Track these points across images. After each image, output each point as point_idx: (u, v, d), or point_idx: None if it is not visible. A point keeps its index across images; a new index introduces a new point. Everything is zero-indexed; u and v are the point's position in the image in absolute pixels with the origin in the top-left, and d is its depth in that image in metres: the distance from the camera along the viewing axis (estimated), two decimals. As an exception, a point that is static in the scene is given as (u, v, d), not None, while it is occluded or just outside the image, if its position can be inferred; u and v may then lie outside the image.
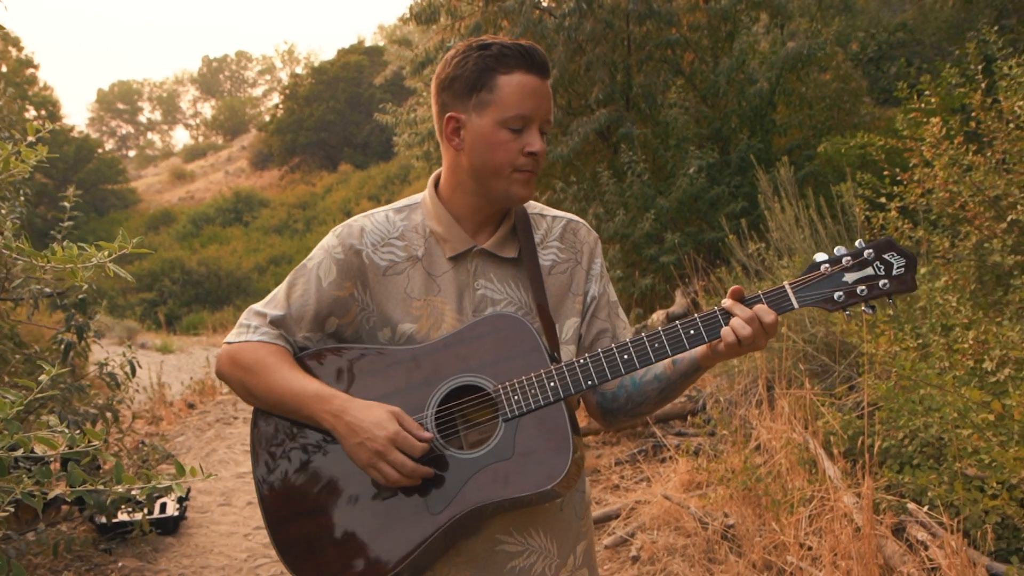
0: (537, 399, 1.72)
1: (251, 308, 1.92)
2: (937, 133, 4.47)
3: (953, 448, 3.38)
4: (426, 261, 1.86)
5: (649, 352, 1.72)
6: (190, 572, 4.81)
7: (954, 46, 9.66)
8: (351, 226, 1.89)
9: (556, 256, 1.92)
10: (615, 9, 9.66)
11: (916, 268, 1.68)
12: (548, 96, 1.80)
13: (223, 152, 62.08)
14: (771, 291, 1.71)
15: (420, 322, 1.83)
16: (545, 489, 1.67)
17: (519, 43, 1.79)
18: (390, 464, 1.68)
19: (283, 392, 1.77)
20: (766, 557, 3.92)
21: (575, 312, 1.91)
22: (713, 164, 9.24)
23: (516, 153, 1.77)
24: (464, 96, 1.79)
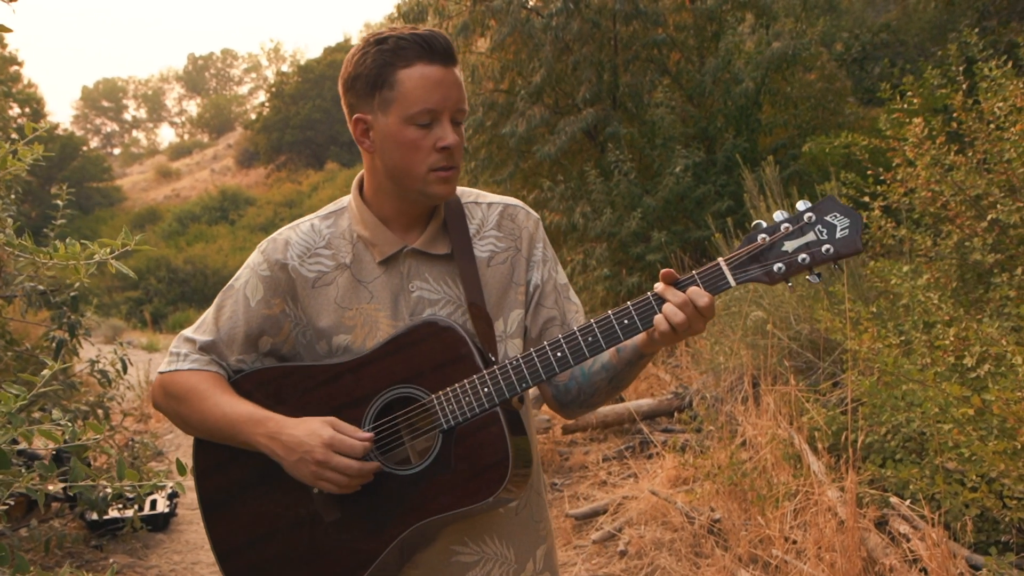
0: (472, 407, 1.64)
1: (181, 334, 1.84)
2: (919, 133, 4.55)
3: (935, 443, 3.46)
4: (355, 268, 1.78)
5: (583, 347, 1.63)
6: (181, 568, 4.84)
7: (937, 47, 9.77)
8: (275, 240, 1.82)
9: (494, 246, 1.82)
10: (602, 9, 9.73)
11: (861, 227, 1.56)
12: (456, 84, 1.68)
13: (209, 150, 61.88)
14: (705, 270, 1.60)
15: (355, 332, 1.76)
16: (487, 501, 1.62)
17: (417, 32, 1.68)
18: (334, 470, 1.61)
19: (217, 419, 1.71)
20: (752, 551, 3.99)
21: (518, 304, 1.82)
22: (699, 163, 9.31)
23: (428, 150, 1.67)
24: (367, 96, 1.69)
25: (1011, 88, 4.12)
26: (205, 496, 1.79)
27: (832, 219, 1.55)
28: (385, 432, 1.70)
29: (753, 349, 5.49)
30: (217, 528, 1.77)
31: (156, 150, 76.77)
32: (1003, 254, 4.25)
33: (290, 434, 1.63)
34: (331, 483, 1.62)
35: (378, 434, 1.69)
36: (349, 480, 1.61)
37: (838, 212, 1.56)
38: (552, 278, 1.86)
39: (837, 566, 3.48)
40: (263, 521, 1.74)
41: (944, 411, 3.27)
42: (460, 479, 1.63)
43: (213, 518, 1.78)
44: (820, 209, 1.56)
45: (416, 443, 1.71)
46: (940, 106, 6.54)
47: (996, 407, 2.90)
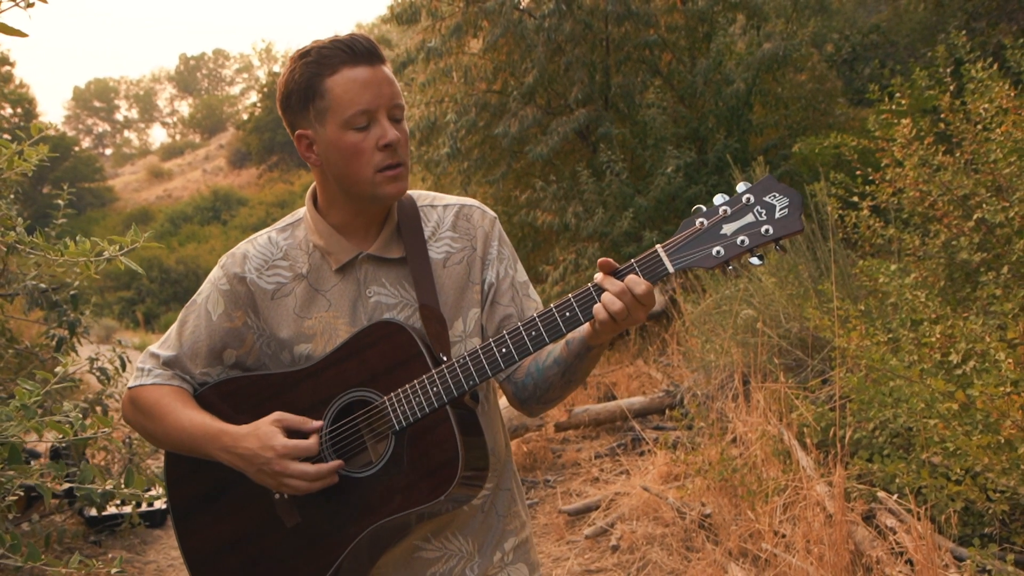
0: (422, 407, 1.65)
1: (148, 349, 1.88)
2: (907, 134, 4.62)
3: (921, 438, 3.53)
4: (312, 277, 1.80)
5: (526, 341, 1.62)
6: (178, 564, 4.89)
7: (927, 48, 9.86)
8: (234, 255, 1.85)
9: (450, 247, 1.83)
10: (594, 10, 9.79)
11: (801, 206, 1.53)
12: (386, 80, 1.69)
13: (201, 150, 61.79)
14: (642, 257, 1.60)
15: (315, 340, 1.78)
16: (438, 500, 1.62)
17: (337, 38, 1.70)
18: (293, 477, 1.64)
19: (179, 434, 1.74)
20: (742, 545, 4.06)
21: (476, 303, 1.83)
22: (690, 163, 9.38)
23: (371, 151, 1.68)
24: (302, 110, 1.71)
25: (996, 90, 4.19)
26: (176, 506, 1.83)
27: (771, 199, 1.53)
28: (344, 435, 1.72)
29: (743, 347, 5.56)
30: (187, 538, 1.81)
31: (148, 150, 76.61)
32: (989, 253, 4.32)
33: (245, 447, 1.66)
34: (292, 489, 1.65)
35: (337, 437, 1.71)
36: (310, 484, 1.65)
37: (777, 192, 1.54)
38: (509, 275, 1.86)
39: (825, 559, 3.54)
40: (229, 529, 1.77)
41: (930, 406, 3.34)
42: (412, 479, 1.64)
43: (183, 528, 1.82)
44: (758, 189, 1.55)
45: (377, 446, 1.72)
46: (930, 107, 6.63)
47: (979, 401, 2.97)
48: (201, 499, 1.80)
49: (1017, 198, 4.07)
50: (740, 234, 1.53)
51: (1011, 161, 4.00)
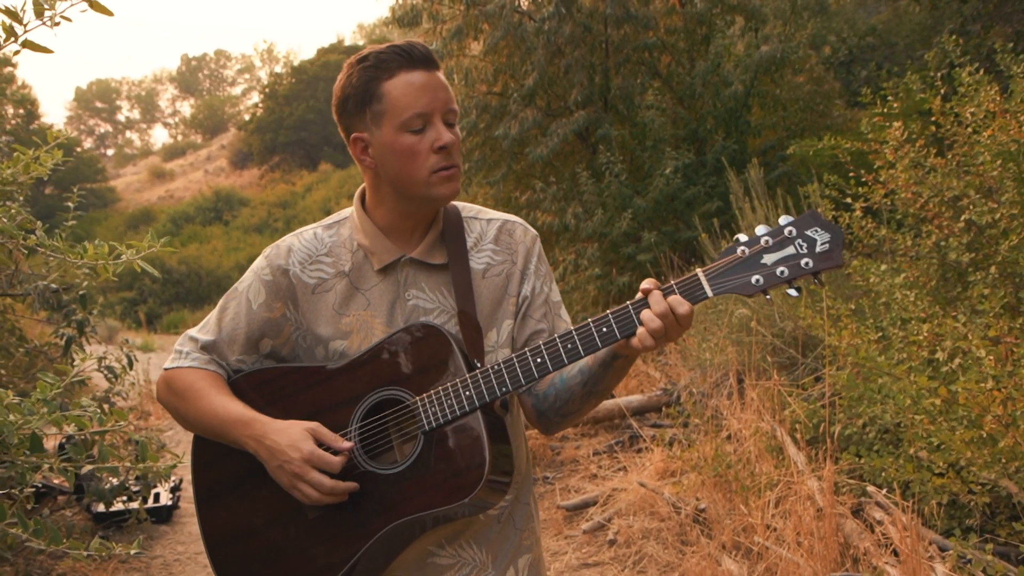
0: (453, 409, 1.68)
1: (186, 333, 1.91)
2: (899, 137, 4.72)
3: (909, 433, 3.63)
4: (353, 275, 1.83)
5: (562, 353, 1.66)
6: (184, 558, 4.99)
7: (925, 49, 9.96)
8: (279, 246, 1.88)
9: (491, 258, 1.87)
10: (593, 13, 9.89)
11: (842, 243, 1.56)
12: (442, 86, 1.73)
13: (202, 151, 61.91)
14: (684, 280, 1.63)
15: (351, 338, 1.81)
16: (462, 503, 1.64)
17: (394, 44, 1.74)
18: (308, 484, 1.67)
19: (210, 418, 1.77)
20: (735, 538, 4.15)
21: (510, 315, 1.86)
22: (689, 165, 9.48)
23: (426, 153, 1.72)
24: (359, 114, 1.75)
25: (983, 94, 4.28)
26: (200, 489, 1.86)
27: (813, 233, 1.57)
28: (373, 432, 1.75)
29: (738, 346, 5.66)
30: (209, 521, 1.84)
31: (150, 151, 76.73)
32: (978, 253, 4.42)
33: (273, 440, 1.69)
34: (304, 495, 1.68)
35: (365, 434, 1.74)
36: (321, 496, 1.67)
37: (819, 227, 1.57)
38: (544, 292, 1.89)
39: (815, 551, 3.64)
40: (251, 516, 1.80)
41: (916, 402, 3.44)
42: (437, 480, 1.66)
43: (206, 511, 1.85)
44: (801, 223, 1.59)
45: (404, 445, 1.75)
46: (925, 109, 6.72)
47: (962, 397, 3.07)
48: (225, 485, 1.83)
49: (1005, 200, 4.16)
50: (780, 265, 1.57)
51: (998, 164, 4.09)
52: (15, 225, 2.31)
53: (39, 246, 2.20)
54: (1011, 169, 4.02)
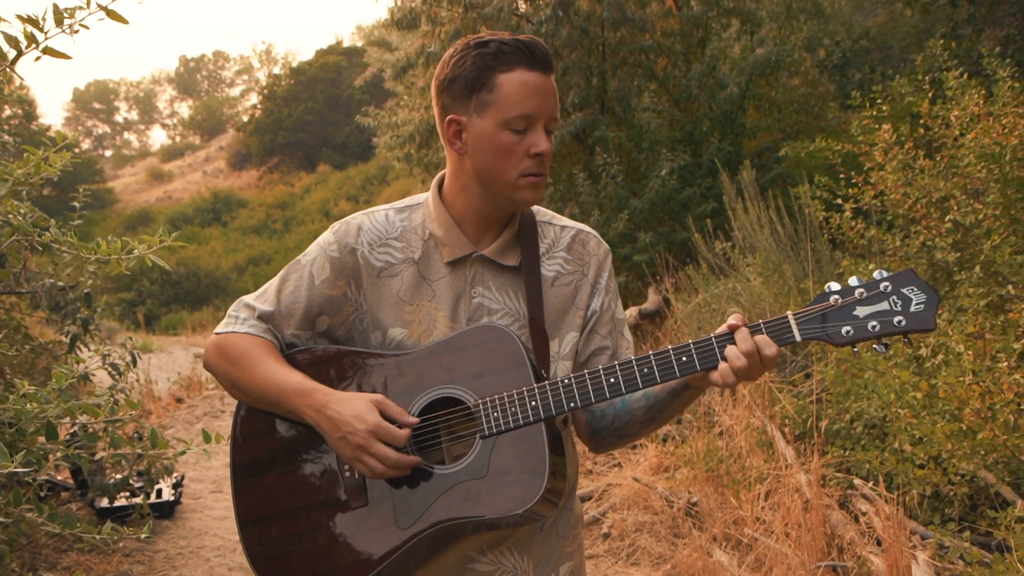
0: (516, 418, 1.64)
1: (241, 299, 1.86)
2: (888, 139, 4.83)
3: (893, 427, 3.73)
4: (422, 264, 1.78)
5: (637, 377, 1.63)
6: (187, 552, 5.09)
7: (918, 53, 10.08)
8: (349, 223, 1.82)
9: (561, 267, 1.83)
10: (591, 16, 9.99)
11: (937, 305, 1.55)
12: (553, 93, 1.70)
13: (201, 152, 62.00)
14: (772, 321, 1.60)
15: (411, 327, 1.76)
16: (516, 513, 1.59)
17: (519, 38, 1.70)
18: (373, 456, 1.62)
19: (266, 385, 1.72)
20: (726, 531, 4.26)
21: (575, 327, 1.82)
22: (685, 166, 9.58)
23: (521, 155, 1.68)
24: (464, 97, 1.71)
25: (968, 98, 4.39)
26: (237, 463, 1.80)
27: (909, 292, 1.55)
28: (425, 429, 1.71)
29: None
30: (243, 496, 1.78)
31: (148, 152, 76.81)
32: (964, 253, 4.53)
33: (337, 410, 1.64)
34: (368, 468, 1.63)
35: (418, 429, 1.70)
36: (385, 469, 1.63)
37: (916, 286, 1.55)
38: (611, 309, 1.85)
39: (803, 542, 3.75)
40: (289, 497, 1.75)
41: (900, 396, 3.54)
42: (491, 487, 1.62)
43: (241, 485, 1.79)
44: (897, 280, 1.57)
45: (452, 446, 1.71)
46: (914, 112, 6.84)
47: (942, 391, 3.17)
48: (265, 461, 1.78)
49: (989, 201, 4.27)
50: (872, 319, 1.55)
51: (981, 166, 4.19)
52: (29, 223, 2.40)
53: (54, 242, 2.30)
54: (995, 171, 4.12)
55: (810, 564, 3.61)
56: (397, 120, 11.47)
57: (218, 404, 9.63)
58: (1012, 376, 3.11)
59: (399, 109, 11.96)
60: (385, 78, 13.05)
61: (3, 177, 2.60)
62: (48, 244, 2.30)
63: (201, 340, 20.81)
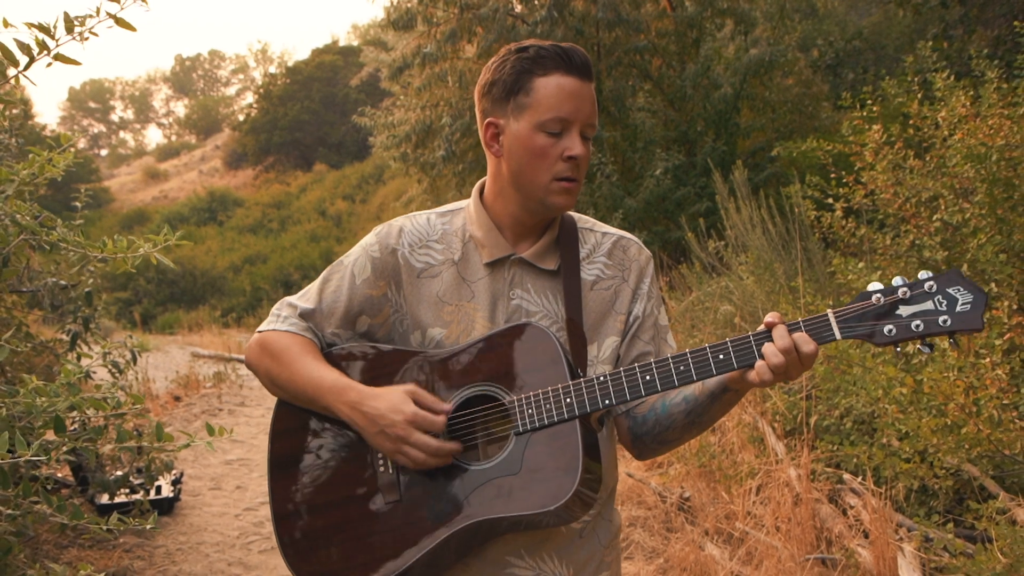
0: (551, 415, 1.64)
1: (284, 299, 1.90)
2: (878, 140, 4.90)
3: (880, 422, 3.81)
4: (461, 265, 1.81)
5: (673, 375, 1.61)
6: (187, 548, 5.15)
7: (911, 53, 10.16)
8: (391, 226, 1.86)
9: (601, 272, 1.83)
10: (585, 16, 10.08)
11: (984, 305, 1.50)
12: (590, 99, 1.72)
13: (197, 151, 61.96)
14: (812, 319, 1.57)
15: (450, 327, 1.78)
16: (548, 509, 1.58)
17: (558, 45, 1.72)
18: (414, 446, 1.63)
19: (304, 382, 1.75)
20: (718, 525, 4.33)
21: (615, 331, 1.81)
22: (679, 166, 9.67)
23: (555, 158, 1.70)
24: (502, 100, 1.74)
25: (955, 99, 4.46)
26: (275, 456, 1.83)
27: (955, 292, 1.52)
28: (461, 426, 1.71)
29: (723, 342, 5.83)
30: (279, 489, 1.80)
31: (144, 151, 76.77)
32: (951, 252, 4.60)
33: (372, 406, 1.66)
34: (410, 459, 1.64)
35: (453, 426, 1.70)
36: (427, 458, 1.64)
37: (962, 286, 1.52)
38: (654, 314, 1.85)
39: (793, 535, 3.82)
40: (325, 491, 1.76)
41: (887, 392, 3.62)
42: (524, 484, 1.61)
43: (278, 478, 1.81)
44: (943, 280, 1.53)
45: (489, 444, 1.71)
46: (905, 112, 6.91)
47: (927, 386, 3.24)
48: (303, 456, 1.80)
49: (976, 200, 4.34)
50: (916, 319, 1.52)
51: (968, 166, 4.27)
52: (37, 222, 2.46)
53: (62, 241, 2.36)
54: (981, 171, 4.20)
55: (800, 556, 3.69)
56: (393, 120, 11.54)
57: (215, 403, 9.69)
58: (995, 372, 3.18)
59: (395, 109, 12.03)
60: (381, 78, 13.11)
61: (9, 178, 2.66)
62: (56, 243, 2.36)
63: (197, 339, 20.84)
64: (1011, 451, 3.23)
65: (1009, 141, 4.19)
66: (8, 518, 2.37)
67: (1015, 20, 7.69)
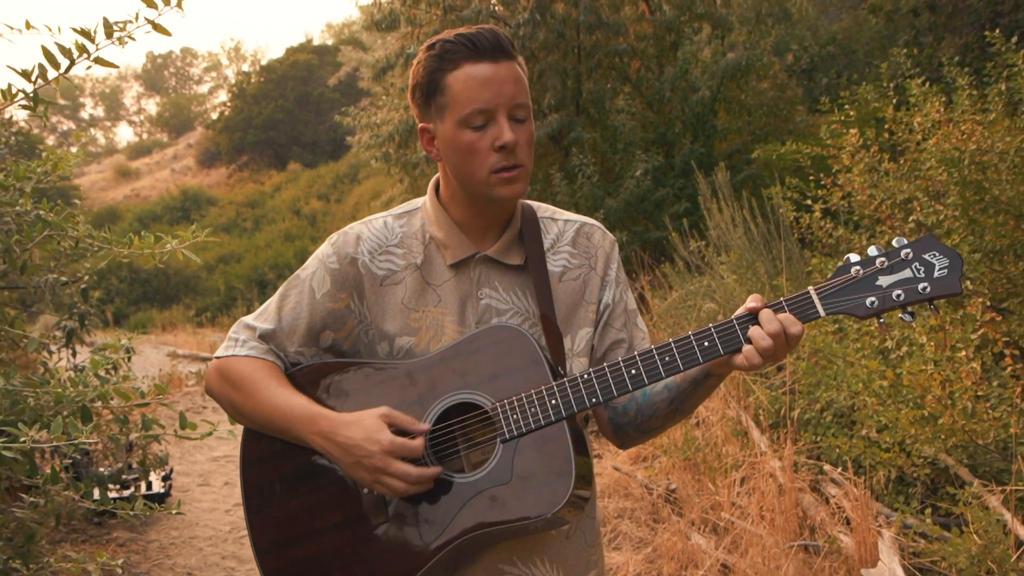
0: (537, 418, 1.58)
1: (241, 320, 1.80)
2: (855, 143, 5.07)
3: (861, 415, 3.97)
4: (424, 269, 1.74)
5: (659, 366, 1.58)
6: (180, 542, 5.22)
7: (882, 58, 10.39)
8: (347, 234, 1.77)
9: (568, 261, 1.78)
10: (566, 19, 10.21)
11: (961, 268, 1.50)
12: (511, 79, 1.63)
13: (169, 149, 61.47)
14: (794, 297, 1.55)
15: (419, 335, 1.71)
16: (545, 516, 1.55)
17: (463, 32, 1.64)
18: (393, 476, 1.56)
19: (271, 412, 1.67)
20: (703, 515, 4.47)
21: (588, 322, 1.77)
22: (658, 167, 9.83)
23: (487, 151, 1.62)
24: (425, 105, 1.68)
25: (930, 105, 4.64)
26: (249, 485, 1.75)
27: (931, 258, 1.51)
28: (441, 437, 1.65)
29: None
30: (258, 522, 1.73)
31: (115, 149, 76.00)
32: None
33: (346, 435, 1.59)
34: (390, 489, 1.58)
35: (437, 438, 1.65)
36: (407, 487, 1.57)
37: (937, 251, 1.51)
38: (623, 300, 1.81)
39: (777, 524, 3.97)
40: (306, 519, 1.69)
41: (867, 385, 3.78)
42: (517, 492, 1.57)
43: (255, 509, 1.73)
44: (918, 246, 1.52)
45: (470, 453, 1.65)
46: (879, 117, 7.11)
47: (906, 379, 3.41)
48: (279, 484, 1.72)
49: (949, 202, 4.52)
50: (896, 288, 1.51)
51: (942, 170, 4.44)
52: (61, 219, 2.55)
53: (88, 237, 2.45)
54: (954, 174, 4.37)
55: (784, 544, 3.84)
56: (376, 120, 11.61)
57: (199, 400, 9.73)
58: (970, 365, 3.35)
59: (377, 110, 12.10)
60: (360, 77, 13.17)
61: (26, 176, 2.74)
62: (81, 239, 2.45)
63: (171, 338, 20.72)
64: (984, 440, 3.40)
65: (980, 146, 4.37)
66: (31, 506, 2.46)
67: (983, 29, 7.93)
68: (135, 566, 4.81)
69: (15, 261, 2.50)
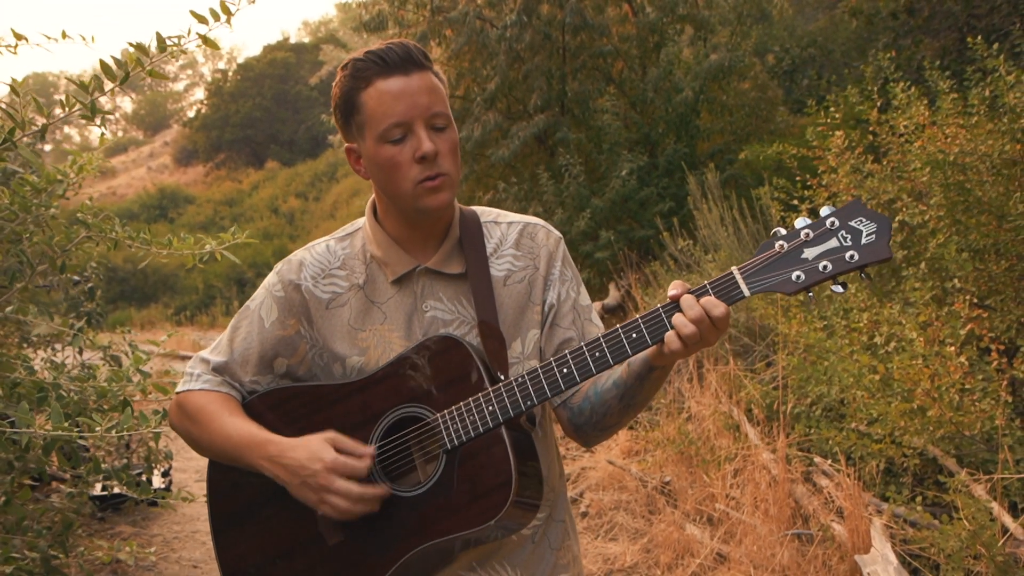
0: (476, 426, 1.58)
1: (197, 355, 1.84)
2: (840, 145, 5.23)
3: (851, 409, 4.12)
4: (368, 288, 1.75)
5: (589, 362, 1.55)
6: (183, 536, 5.30)
7: (860, 60, 10.57)
8: (291, 261, 1.81)
9: (512, 264, 1.77)
10: (552, 21, 10.34)
11: (890, 231, 1.44)
12: (423, 89, 1.63)
13: (145, 147, 61.01)
14: (718, 280, 1.50)
15: (368, 353, 1.73)
16: (487, 525, 1.54)
17: (373, 49, 1.65)
18: (336, 494, 1.57)
19: (223, 441, 1.69)
20: (698, 507, 4.62)
21: (535, 323, 1.76)
22: (643, 167, 9.98)
23: (409, 164, 1.62)
24: (346, 125, 1.69)
25: (914, 108, 4.80)
26: (217, 513, 1.79)
27: (857, 224, 1.45)
28: (394, 452, 1.67)
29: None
30: (225, 549, 1.77)
31: (89, 147, 75.16)
32: (910, 251, 4.94)
33: (292, 457, 1.61)
34: (334, 509, 1.59)
35: (386, 454, 1.66)
36: (352, 505, 1.58)
37: (864, 216, 1.45)
38: (571, 297, 1.79)
39: (770, 513, 4.12)
40: (269, 544, 1.73)
41: (858, 380, 3.93)
42: (461, 502, 1.57)
43: (223, 540, 1.77)
44: (844, 214, 1.46)
45: (427, 465, 1.67)
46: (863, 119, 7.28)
47: (896, 373, 3.56)
48: (242, 512, 1.76)
49: (934, 203, 4.68)
50: (823, 259, 1.45)
51: (927, 171, 4.60)
52: (100, 220, 2.64)
53: (129, 239, 2.54)
54: (939, 176, 4.53)
55: (778, 533, 3.98)
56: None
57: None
58: (957, 359, 3.51)
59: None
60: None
61: (58, 179, 2.83)
62: (120, 240, 2.54)
63: (151, 337, 20.64)
64: (970, 432, 3.56)
65: (964, 148, 4.53)
66: (68, 496, 2.54)
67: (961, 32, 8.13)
68: (142, 559, 4.89)
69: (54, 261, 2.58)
